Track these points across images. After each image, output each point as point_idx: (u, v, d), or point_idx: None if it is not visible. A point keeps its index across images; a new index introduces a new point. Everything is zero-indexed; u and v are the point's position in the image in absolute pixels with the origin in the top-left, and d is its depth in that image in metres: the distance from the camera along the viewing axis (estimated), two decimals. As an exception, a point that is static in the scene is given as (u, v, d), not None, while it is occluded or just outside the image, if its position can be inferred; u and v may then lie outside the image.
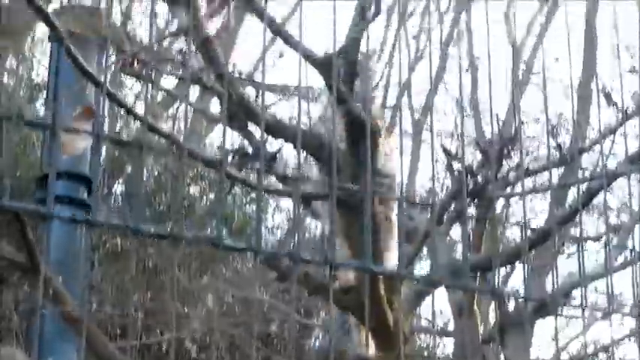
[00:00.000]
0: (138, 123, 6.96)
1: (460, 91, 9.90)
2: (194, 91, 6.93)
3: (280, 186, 4.70)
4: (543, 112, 9.36)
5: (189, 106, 6.11)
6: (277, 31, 3.92)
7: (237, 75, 4.97)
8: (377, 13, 3.79)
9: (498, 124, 8.47)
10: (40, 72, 9.25)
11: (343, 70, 3.79)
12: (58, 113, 1.38)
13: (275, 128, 4.28)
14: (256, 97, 4.91)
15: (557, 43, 11.00)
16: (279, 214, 10.10)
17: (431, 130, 10.21)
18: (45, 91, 6.78)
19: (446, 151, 5.46)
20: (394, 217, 4.47)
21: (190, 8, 3.84)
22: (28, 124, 1.51)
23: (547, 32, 11.51)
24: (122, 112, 7.83)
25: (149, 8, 9.41)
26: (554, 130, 4.89)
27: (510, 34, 11.34)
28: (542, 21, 11.58)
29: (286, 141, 4.51)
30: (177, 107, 9.93)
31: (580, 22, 10.08)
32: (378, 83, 4.36)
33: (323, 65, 3.80)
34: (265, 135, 4.32)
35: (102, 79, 3.50)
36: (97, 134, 1.35)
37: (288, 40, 3.83)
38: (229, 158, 4.51)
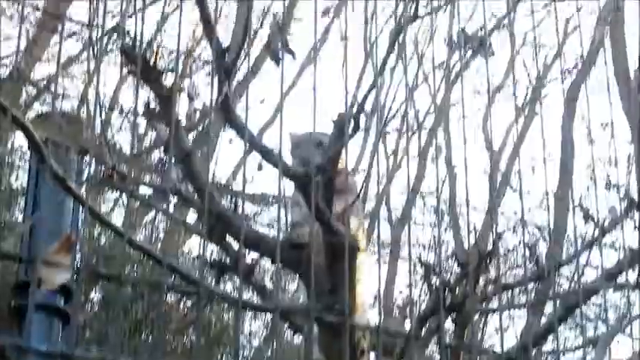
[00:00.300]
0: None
1: (437, 204, 9.96)
2: (172, 200, 6.95)
3: (258, 299, 4.68)
4: (520, 222, 9.41)
5: (167, 216, 6.12)
6: (256, 145, 3.95)
7: (216, 186, 5.00)
8: (356, 128, 3.82)
9: (476, 236, 8.51)
10: (20, 176, 9.26)
11: (322, 186, 3.81)
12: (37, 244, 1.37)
13: (253, 241, 4.27)
14: (235, 209, 4.90)
15: (534, 153, 11.15)
16: (255, 321, 10.06)
17: (408, 242, 10.23)
18: (24, 198, 6.77)
19: (423, 264, 5.45)
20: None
21: (171, 123, 3.86)
22: (7, 258, 1.50)
23: (523, 142, 11.68)
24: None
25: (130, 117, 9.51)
26: (531, 248, 4.91)
27: (488, 142, 11.49)
28: (520, 129, 11.76)
29: (264, 255, 4.50)
30: (155, 216, 9.92)
31: (557, 131, 10.24)
32: (358, 196, 4.36)
33: (301, 181, 3.82)
34: (244, 248, 4.32)
35: (81, 193, 3.50)
36: (76, 268, 1.35)
37: (266, 155, 3.85)
38: (207, 270, 4.49)
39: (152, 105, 3.92)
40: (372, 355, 4.33)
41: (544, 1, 10.54)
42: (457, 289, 4.87)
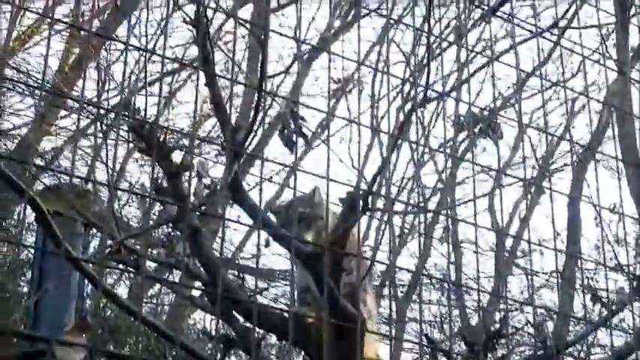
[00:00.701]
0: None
1: (447, 282, 9.93)
2: (178, 274, 6.96)
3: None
4: (528, 299, 9.36)
5: (172, 290, 6.10)
6: (266, 223, 3.96)
7: (223, 262, 5.00)
8: (365, 208, 3.83)
9: (483, 313, 8.46)
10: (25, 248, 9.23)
11: (331, 263, 3.81)
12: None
13: (260, 317, 4.26)
14: (241, 284, 4.90)
15: (542, 231, 11.14)
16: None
17: (420, 319, 10.18)
18: (30, 270, 6.76)
19: (430, 341, 5.42)
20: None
21: (179, 199, 3.87)
22: (25, 338, 1.50)
23: (531, 218, 11.66)
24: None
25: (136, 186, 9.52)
26: (539, 327, 4.88)
27: (495, 222, 11.48)
28: (526, 207, 11.76)
29: (270, 331, 4.49)
30: (160, 289, 9.90)
31: (563, 211, 10.24)
32: (368, 272, 4.35)
33: (309, 259, 3.82)
34: (250, 324, 4.31)
35: (87, 267, 3.50)
36: (91, 349, 1.35)
37: (275, 234, 3.86)
38: (213, 344, 4.47)
39: (160, 181, 3.94)
40: None
41: (550, 82, 10.63)
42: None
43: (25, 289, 7.80)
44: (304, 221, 4.29)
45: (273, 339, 7.52)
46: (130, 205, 9.95)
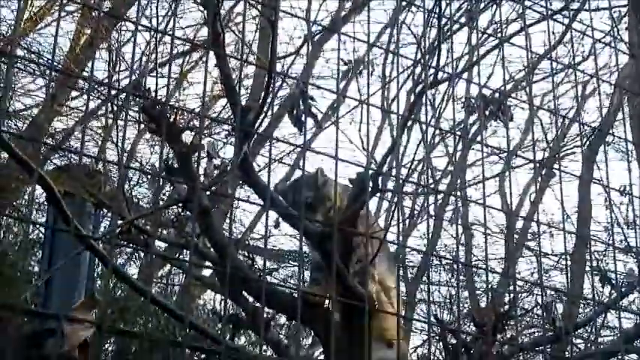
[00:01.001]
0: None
1: (455, 262, 9.92)
2: (187, 255, 6.97)
3: (274, 354, 4.67)
4: (537, 282, 9.36)
5: (183, 270, 6.12)
6: (275, 204, 3.97)
7: (233, 243, 5.00)
8: (375, 189, 3.84)
9: (493, 295, 8.47)
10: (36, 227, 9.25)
11: (340, 244, 3.82)
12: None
13: (269, 297, 4.27)
14: (251, 265, 4.91)
15: (553, 214, 11.14)
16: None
17: (428, 300, 10.19)
18: (40, 250, 6.78)
19: (439, 322, 5.44)
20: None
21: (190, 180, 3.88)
22: (33, 314, 1.51)
23: (541, 201, 11.65)
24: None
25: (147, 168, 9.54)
26: (548, 309, 4.89)
27: (504, 203, 11.46)
28: (535, 189, 11.75)
29: (280, 311, 4.50)
30: (170, 269, 9.91)
31: (574, 193, 10.23)
32: (376, 254, 4.34)
33: (319, 240, 3.83)
34: (259, 304, 4.32)
35: (99, 247, 3.51)
36: (99, 325, 1.36)
37: (286, 215, 3.87)
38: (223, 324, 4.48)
39: (171, 162, 3.95)
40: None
41: (562, 65, 10.60)
42: (473, 348, 4.85)
43: (36, 269, 7.82)
44: (309, 207, 4.29)
45: (283, 319, 7.54)
46: (140, 186, 9.97)
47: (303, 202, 4.25)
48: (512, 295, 7.78)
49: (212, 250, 4.39)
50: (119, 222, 4.27)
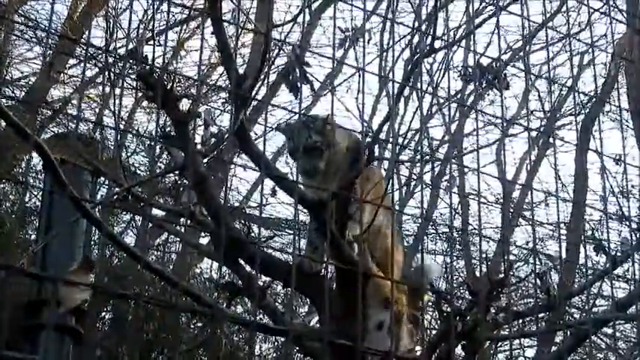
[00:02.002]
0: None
1: (450, 231, 9.95)
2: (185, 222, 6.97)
3: (270, 321, 4.69)
4: (532, 252, 9.40)
5: (179, 238, 6.14)
6: (272, 173, 3.98)
7: (229, 211, 5.02)
8: (371, 158, 3.85)
9: (488, 264, 8.50)
10: (33, 194, 9.27)
11: (335, 212, 3.84)
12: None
13: (265, 265, 4.30)
14: (248, 233, 4.93)
15: (547, 182, 11.17)
16: (265, 344, 10.05)
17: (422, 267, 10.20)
18: (37, 218, 6.79)
19: (434, 291, 5.46)
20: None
21: (187, 148, 3.89)
22: (30, 276, 1.53)
23: (537, 171, 11.68)
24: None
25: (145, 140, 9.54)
26: (543, 277, 4.91)
27: (500, 172, 11.48)
28: (533, 159, 11.77)
29: (276, 279, 4.53)
30: (167, 238, 9.92)
31: (570, 162, 10.25)
32: (371, 223, 4.34)
33: (315, 207, 3.84)
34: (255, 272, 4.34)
35: (96, 214, 3.53)
36: (95, 287, 1.37)
37: (282, 182, 3.88)
38: (219, 292, 4.50)
39: (168, 129, 3.95)
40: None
41: (559, 34, 10.59)
42: (468, 316, 4.88)
43: (33, 237, 7.84)
44: (316, 150, 4.25)
45: (279, 287, 7.56)
46: (137, 154, 9.97)
47: (309, 146, 4.21)
48: (507, 262, 7.81)
49: (208, 217, 4.40)
50: (116, 189, 4.28)
